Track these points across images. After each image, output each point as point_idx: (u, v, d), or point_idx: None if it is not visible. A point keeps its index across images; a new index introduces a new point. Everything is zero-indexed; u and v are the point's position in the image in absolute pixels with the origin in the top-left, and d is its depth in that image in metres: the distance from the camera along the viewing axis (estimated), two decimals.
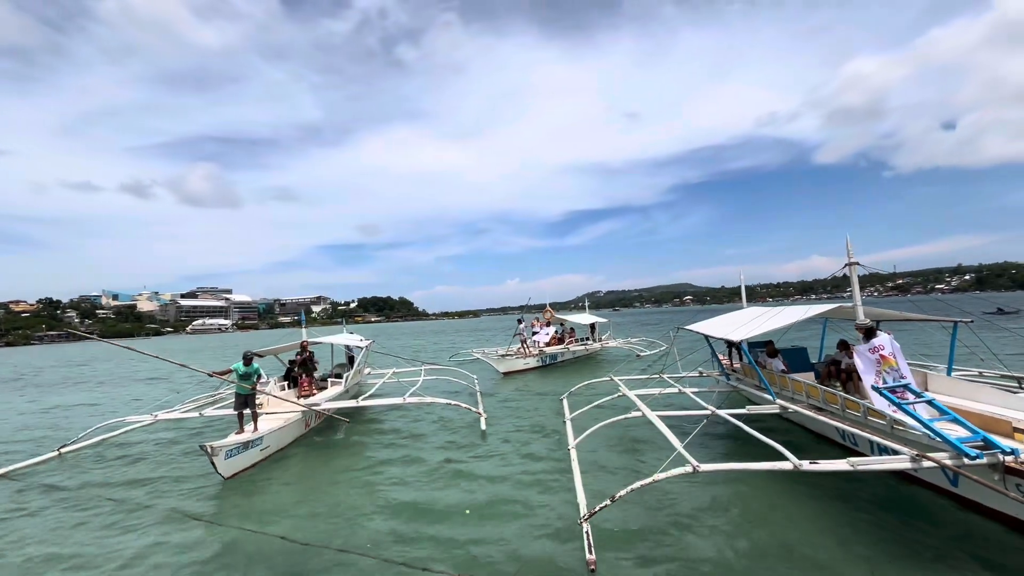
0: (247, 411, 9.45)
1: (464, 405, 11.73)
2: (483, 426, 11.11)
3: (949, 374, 8.97)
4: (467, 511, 6.83)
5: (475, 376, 16.86)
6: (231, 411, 10.43)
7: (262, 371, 10.14)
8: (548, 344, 22.86)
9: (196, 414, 11.11)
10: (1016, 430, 6.16)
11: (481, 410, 11.97)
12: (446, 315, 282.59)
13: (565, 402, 13.03)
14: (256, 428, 9.48)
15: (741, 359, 12.15)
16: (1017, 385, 8.83)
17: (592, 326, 26.15)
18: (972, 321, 9.00)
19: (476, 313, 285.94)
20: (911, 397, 6.41)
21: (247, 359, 9.61)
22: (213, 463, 8.18)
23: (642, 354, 23.85)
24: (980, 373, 10.10)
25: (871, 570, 4.97)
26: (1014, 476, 5.10)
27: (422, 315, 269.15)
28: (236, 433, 9.23)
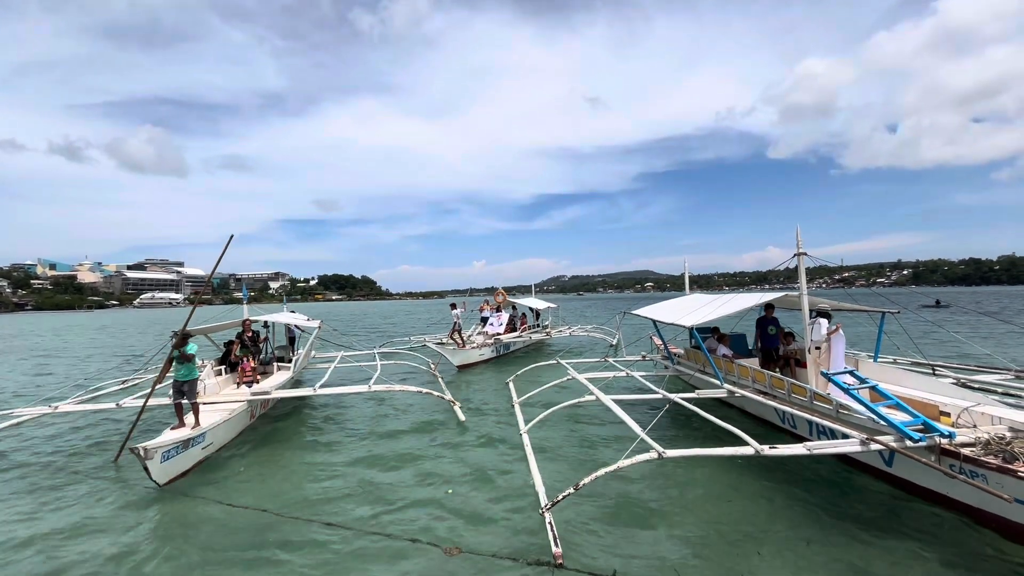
0: (185, 402, 8.11)
1: (436, 393, 10.78)
2: (461, 416, 10.27)
3: (876, 360, 9.39)
4: (449, 491, 6.78)
5: (430, 360, 15.83)
6: (161, 401, 9.39)
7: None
8: (502, 331, 20.66)
9: (111, 404, 9.41)
10: (943, 413, 6.48)
11: (451, 397, 11.13)
12: (410, 295, 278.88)
13: (512, 386, 12.71)
14: (198, 422, 8.07)
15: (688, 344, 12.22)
16: (932, 372, 9.32)
17: (536, 312, 24.79)
18: (898, 312, 9.42)
19: (441, 294, 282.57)
20: (856, 383, 6.57)
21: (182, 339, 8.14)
22: (147, 468, 6.77)
23: (614, 342, 22.78)
24: (895, 360, 10.63)
25: (831, 549, 5.11)
26: (948, 457, 5.39)
27: (385, 295, 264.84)
28: (173, 428, 7.90)
